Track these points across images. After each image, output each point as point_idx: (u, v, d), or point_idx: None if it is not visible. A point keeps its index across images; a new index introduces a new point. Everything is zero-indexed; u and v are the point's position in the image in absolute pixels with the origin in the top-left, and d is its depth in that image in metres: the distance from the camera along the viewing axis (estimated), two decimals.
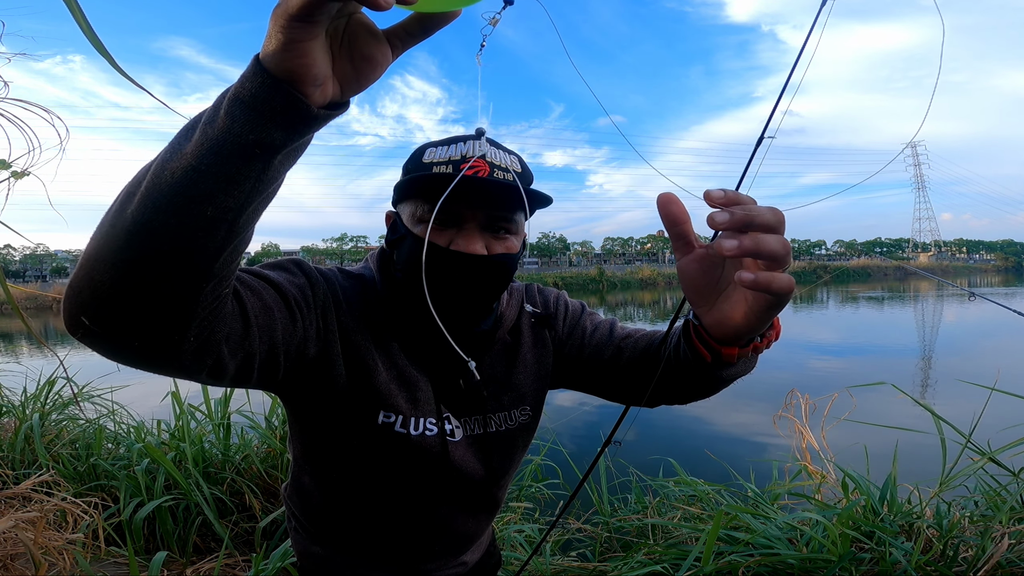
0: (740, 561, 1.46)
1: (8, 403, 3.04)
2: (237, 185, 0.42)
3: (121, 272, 0.43)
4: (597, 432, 3.73)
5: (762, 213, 0.49)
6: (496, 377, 0.83)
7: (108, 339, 0.46)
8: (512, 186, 0.69)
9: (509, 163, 0.73)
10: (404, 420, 0.75)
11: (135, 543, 1.86)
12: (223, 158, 0.41)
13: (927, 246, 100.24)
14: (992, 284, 39.72)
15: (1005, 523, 1.48)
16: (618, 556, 1.86)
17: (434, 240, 0.70)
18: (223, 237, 0.44)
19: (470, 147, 0.72)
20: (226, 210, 0.42)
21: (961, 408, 1.99)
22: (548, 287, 0.96)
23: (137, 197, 0.42)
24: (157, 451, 2.00)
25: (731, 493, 2.13)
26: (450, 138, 0.75)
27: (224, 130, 0.40)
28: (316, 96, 0.42)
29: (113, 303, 0.44)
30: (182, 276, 0.44)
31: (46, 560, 1.46)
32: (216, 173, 0.41)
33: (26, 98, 0.93)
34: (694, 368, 0.69)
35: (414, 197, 0.73)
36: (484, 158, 0.71)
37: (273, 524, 2.02)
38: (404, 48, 0.46)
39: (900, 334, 11.32)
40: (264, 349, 0.59)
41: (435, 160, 0.72)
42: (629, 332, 0.87)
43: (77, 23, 0.48)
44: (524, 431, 0.86)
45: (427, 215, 0.69)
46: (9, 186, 0.96)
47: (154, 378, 0.58)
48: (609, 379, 0.85)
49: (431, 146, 0.75)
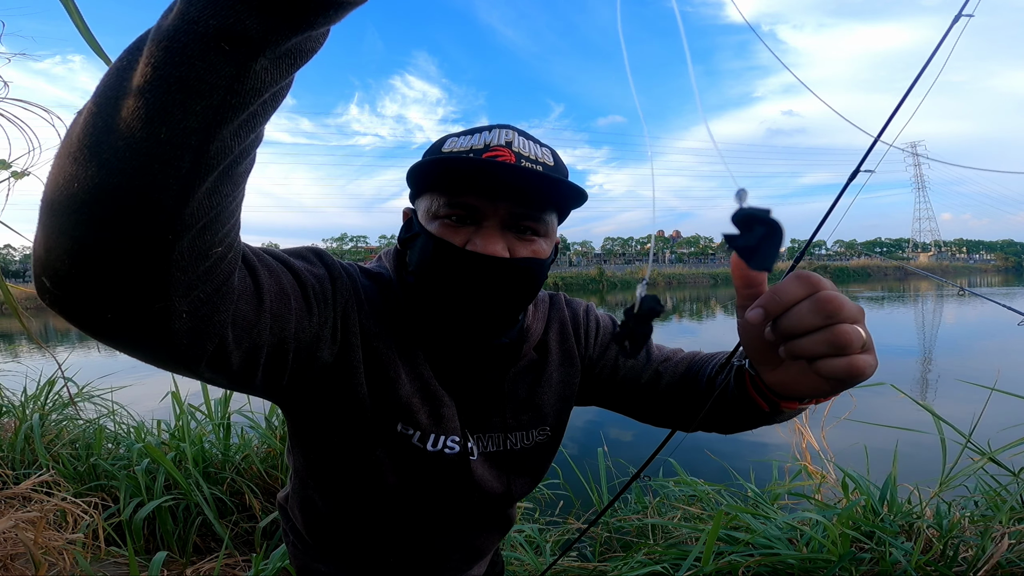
0: (740, 561, 1.46)
1: (8, 403, 3.04)
2: (198, 96, 0.31)
3: (67, 217, 0.34)
4: (597, 432, 3.73)
5: (846, 310, 0.40)
6: (518, 395, 0.75)
7: (73, 305, 0.37)
8: (540, 175, 0.59)
9: (540, 155, 0.64)
10: (423, 436, 0.68)
11: (135, 543, 1.86)
12: (174, 55, 0.30)
13: (927, 246, 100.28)
14: (992, 284, 39.73)
15: (1005, 523, 1.48)
16: (618, 556, 1.86)
17: (448, 238, 0.61)
18: (188, 170, 0.33)
19: (495, 135, 0.62)
20: (187, 132, 0.32)
21: (961, 408, 1.99)
22: (575, 299, 0.88)
23: (83, 117, 0.33)
24: (157, 451, 2.00)
25: (731, 493, 2.13)
26: (474, 128, 0.66)
27: (177, 16, 0.30)
28: None
29: (66, 258, 0.35)
30: (141, 221, 0.34)
31: (46, 560, 1.46)
32: (166, 77, 0.30)
33: (26, 98, 0.93)
34: (747, 412, 0.64)
35: (429, 190, 0.65)
36: (510, 146, 0.61)
37: (273, 524, 2.02)
38: None
39: (900, 334, 11.32)
40: (274, 342, 0.51)
41: (455, 150, 0.63)
42: (668, 355, 0.80)
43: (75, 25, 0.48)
44: (542, 450, 0.80)
45: (442, 210, 0.62)
46: (9, 186, 0.96)
47: (154, 378, 0.58)
48: (646, 403, 0.79)
49: (452, 136, 0.66)
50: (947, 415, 1.77)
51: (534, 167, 0.61)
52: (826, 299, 0.40)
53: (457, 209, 0.62)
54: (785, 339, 0.42)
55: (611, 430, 4.42)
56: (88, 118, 0.33)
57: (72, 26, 0.52)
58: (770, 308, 0.41)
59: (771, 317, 0.41)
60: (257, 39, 0.30)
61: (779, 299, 0.41)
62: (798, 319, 0.40)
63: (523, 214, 0.63)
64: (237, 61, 0.31)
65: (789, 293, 0.41)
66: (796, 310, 0.40)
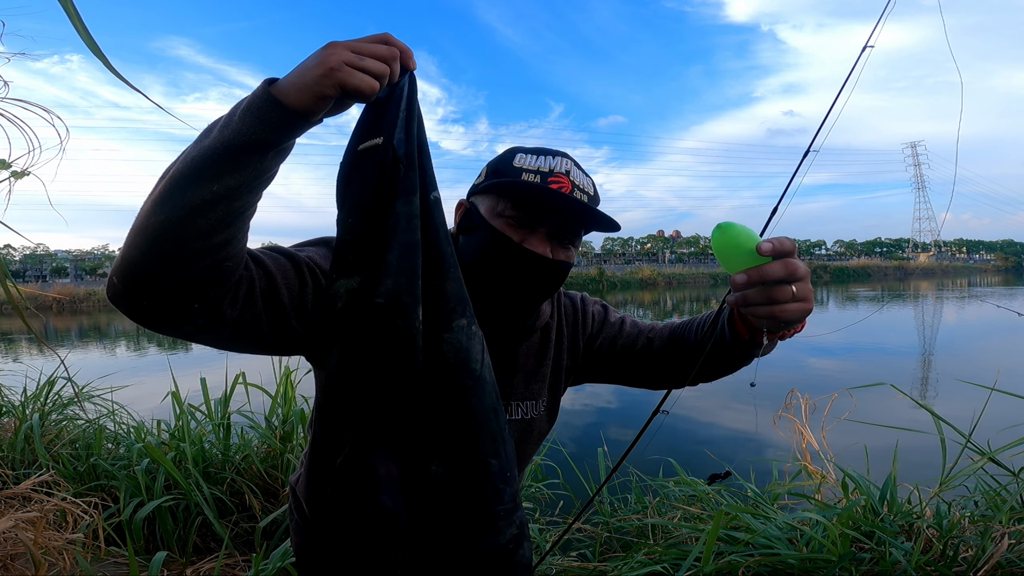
0: (740, 561, 1.46)
1: (8, 403, 3.04)
2: (240, 170, 0.53)
3: (145, 237, 0.53)
4: (596, 432, 3.73)
5: (772, 272, 0.61)
6: (528, 367, 0.90)
7: (127, 296, 0.56)
8: (589, 208, 0.79)
9: (586, 185, 0.82)
10: None
11: (135, 543, 1.86)
12: (233, 150, 0.52)
13: (927, 246, 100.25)
14: (992, 284, 39.72)
15: (1005, 523, 1.48)
16: (618, 556, 1.86)
17: (509, 235, 0.78)
18: (221, 215, 0.54)
19: (558, 163, 0.80)
20: (228, 189, 0.53)
21: (961, 408, 1.99)
22: (571, 291, 1.03)
23: (166, 177, 0.54)
24: (157, 451, 2.00)
25: (731, 493, 2.13)
26: (538, 148, 0.83)
27: (235, 131, 0.53)
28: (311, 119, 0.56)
29: (136, 264, 0.54)
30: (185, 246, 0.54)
31: (46, 560, 1.46)
32: (226, 158, 0.53)
33: (25, 98, 0.93)
34: (730, 346, 0.80)
35: (496, 194, 0.81)
36: (568, 175, 0.79)
37: (273, 524, 2.02)
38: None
39: (900, 334, 11.32)
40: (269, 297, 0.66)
41: (525, 167, 0.80)
42: (651, 324, 0.97)
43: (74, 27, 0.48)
44: (539, 424, 0.93)
45: (507, 211, 0.79)
46: (9, 186, 0.96)
47: (154, 378, 0.59)
48: (643, 367, 0.94)
49: (521, 152, 0.82)
50: (947, 415, 1.77)
51: (582, 195, 0.80)
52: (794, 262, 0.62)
53: (520, 212, 0.79)
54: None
55: (611, 430, 4.42)
56: (169, 181, 0.54)
57: (70, 26, 0.52)
58: (752, 276, 0.63)
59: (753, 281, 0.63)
60: (274, 143, 0.54)
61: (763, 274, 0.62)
62: (774, 276, 0.62)
63: (567, 230, 0.81)
64: (262, 153, 0.54)
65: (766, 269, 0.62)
66: (770, 273, 0.62)
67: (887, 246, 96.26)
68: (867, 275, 56.46)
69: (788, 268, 0.61)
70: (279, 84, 0.54)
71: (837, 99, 0.86)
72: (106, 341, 16.21)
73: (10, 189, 0.96)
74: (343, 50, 0.53)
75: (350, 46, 0.54)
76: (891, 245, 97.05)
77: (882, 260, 76.94)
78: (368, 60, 0.54)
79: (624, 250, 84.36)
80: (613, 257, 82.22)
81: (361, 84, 0.53)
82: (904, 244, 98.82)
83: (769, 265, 0.61)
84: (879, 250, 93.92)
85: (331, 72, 0.52)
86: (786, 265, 0.61)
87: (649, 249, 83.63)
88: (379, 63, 0.55)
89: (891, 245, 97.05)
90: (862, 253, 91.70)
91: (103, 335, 18.60)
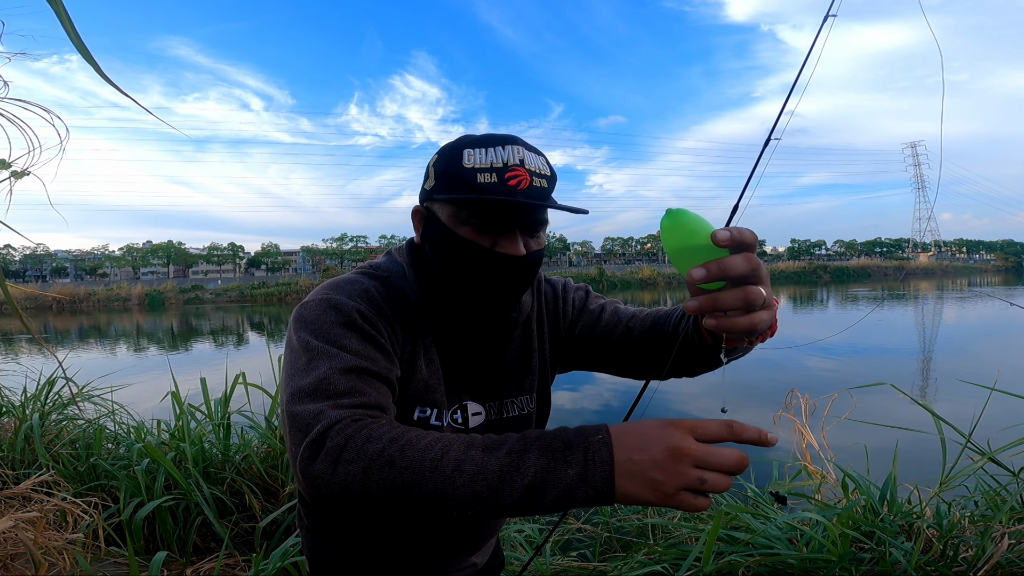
0: (740, 561, 1.46)
1: (8, 403, 3.04)
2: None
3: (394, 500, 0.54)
4: None
5: (734, 267, 0.53)
6: (517, 363, 0.88)
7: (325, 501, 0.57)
8: (551, 204, 0.75)
9: (541, 167, 0.76)
10: (439, 413, 0.78)
11: (135, 543, 1.86)
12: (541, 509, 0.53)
13: (927, 246, 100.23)
14: (992, 284, 39.72)
15: (1005, 523, 1.48)
16: (618, 556, 1.86)
17: (480, 242, 0.74)
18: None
19: (510, 154, 0.73)
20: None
21: (961, 408, 1.99)
22: (553, 277, 1.00)
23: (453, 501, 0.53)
24: (157, 451, 2.00)
25: (731, 493, 2.13)
26: (485, 136, 0.76)
27: (547, 510, 0.52)
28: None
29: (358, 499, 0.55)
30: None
31: (46, 560, 1.46)
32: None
33: (25, 98, 0.93)
34: (700, 349, 0.76)
35: (457, 205, 0.75)
36: (523, 164, 0.73)
37: (273, 524, 2.02)
38: None
39: (900, 334, 11.32)
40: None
41: (476, 166, 0.72)
42: (633, 312, 0.93)
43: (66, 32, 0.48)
44: (534, 418, 0.91)
45: (472, 218, 0.74)
46: (9, 186, 0.96)
47: (154, 378, 0.58)
48: (622, 355, 0.91)
49: (468, 147, 0.74)
50: (947, 415, 1.77)
51: (540, 181, 0.74)
52: (754, 258, 0.54)
53: (483, 220, 0.74)
54: (713, 303, 0.56)
55: None
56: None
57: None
58: (712, 269, 0.54)
59: (711, 306, 0.56)
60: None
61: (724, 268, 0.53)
62: (736, 271, 0.53)
63: (533, 224, 0.77)
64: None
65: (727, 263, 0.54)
66: (732, 267, 0.53)
67: (887, 246, 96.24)
68: (867, 275, 56.42)
69: (751, 263, 0.53)
70: (617, 480, 0.50)
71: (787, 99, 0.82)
72: (106, 341, 16.21)
73: (10, 189, 0.96)
74: (690, 467, 0.49)
75: (699, 458, 0.49)
76: (891, 245, 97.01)
77: (882, 260, 76.87)
78: (712, 480, 0.49)
79: (624, 250, 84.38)
80: (613, 257, 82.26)
81: (699, 505, 0.50)
82: (904, 244, 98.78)
83: (731, 258, 0.53)
84: (879, 250, 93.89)
85: (668, 499, 0.49)
86: (748, 260, 0.53)
87: (649, 249, 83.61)
88: (725, 480, 0.50)
89: (891, 245, 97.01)
90: (862, 253, 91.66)
91: (103, 335, 18.59)
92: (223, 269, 71.13)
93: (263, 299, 39.46)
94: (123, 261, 65.18)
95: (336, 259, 66.37)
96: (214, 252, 68.82)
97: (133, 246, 66.58)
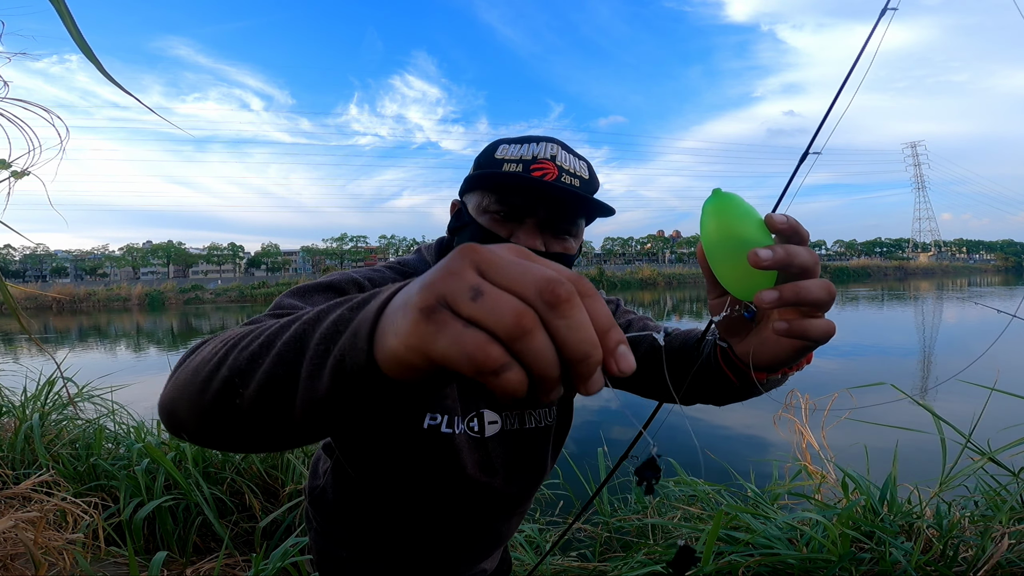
0: (740, 561, 1.46)
1: (8, 403, 3.04)
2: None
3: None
4: (597, 432, 3.73)
5: (800, 255, 0.45)
6: None
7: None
8: (573, 193, 0.71)
9: (577, 168, 0.75)
10: (451, 420, 0.75)
11: (135, 543, 1.86)
12: (315, 405, 0.37)
13: (927, 246, 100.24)
14: (992, 284, 39.71)
15: (1005, 523, 1.48)
16: (618, 556, 1.86)
17: (495, 231, 0.73)
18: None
19: (542, 149, 0.74)
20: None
21: (961, 408, 1.99)
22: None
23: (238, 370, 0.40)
24: (157, 451, 2.00)
25: (731, 493, 2.13)
26: (524, 137, 0.77)
27: (321, 389, 0.37)
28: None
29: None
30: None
31: (46, 560, 1.46)
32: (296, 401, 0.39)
33: (25, 98, 0.93)
34: (723, 385, 0.69)
35: (481, 189, 0.76)
36: (554, 160, 0.73)
37: (273, 524, 2.02)
38: None
39: (900, 334, 11.32)
40: None
41: (507, 157, 0.74)
42: (662, 329, 0.87)
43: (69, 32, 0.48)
44: (555, 429, 0.89)
45: (492, 206, 0.74)
46: (9, 186, 0.96)
47: (154, 378, 0.58)
48: (643, 376, 0.84)
49: (504, 143, 0.77)
50: (947, 415, 1.77)
51: (572, 181, 0.73)
52: (811, 253, 0.47)
53: (504, 206, 0.73)
54: (796, 295, 0.46)
55: (611, 429, 4.42)
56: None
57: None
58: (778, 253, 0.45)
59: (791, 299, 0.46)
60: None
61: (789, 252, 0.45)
62: (802, 261, 0.45)
63: (559, 219, 0.74)
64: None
65: (794, 249, 0.46)
66: (798, 254, 0.45)
67: (887, 246, 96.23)
68: (867, 275, 56.45)
69: (814, 255, 0.46)
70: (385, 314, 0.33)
71: (836, 100, 0.75)
72: (106, 341, 16.21)
73: (10, 189, 0.96)
74: (467, 267, 0.29)
75: (485, 259, 0.29)
76: (891, 245, 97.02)
77: (882, 260, 76.91)
78: (491, 298, 0.28)
79: (624, 250, 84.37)
80: (613, 257, 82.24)
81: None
82: (904, 244, 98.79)
83: (795, 246, 0.45)
84: (879, 250, 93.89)
85: (424, 327, 0.29)
86: (811, 251, 0.46)
87: (649, 249, 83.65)
88: (510, 304, 0.28)
89: (891, 245, 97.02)
90: (862, 253, 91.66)
91: (103, 335, 18.59)
92: (223, 269, 71.13)
93: (263, 299, 39.49)
94: (123, 261, 65.21)
95: (336, 259, 66.37)
96: (214, 252, 68.82)
97: (133, 246, 66.64)
